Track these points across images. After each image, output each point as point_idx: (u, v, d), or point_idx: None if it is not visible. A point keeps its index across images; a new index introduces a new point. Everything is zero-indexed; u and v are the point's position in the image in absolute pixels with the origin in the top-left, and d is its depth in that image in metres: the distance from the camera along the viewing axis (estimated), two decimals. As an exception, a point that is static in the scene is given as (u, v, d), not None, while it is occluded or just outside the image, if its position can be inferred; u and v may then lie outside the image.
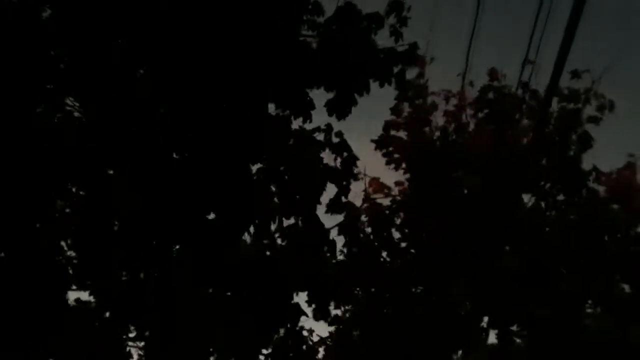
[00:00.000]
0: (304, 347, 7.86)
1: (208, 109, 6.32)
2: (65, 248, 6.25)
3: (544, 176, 9.23)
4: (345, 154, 7.44)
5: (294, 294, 6.92)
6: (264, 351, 7.04)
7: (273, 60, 6.20)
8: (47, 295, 5.72)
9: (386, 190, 9.21)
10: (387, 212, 9.03)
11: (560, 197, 9.29)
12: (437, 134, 9.40)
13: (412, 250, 9.06)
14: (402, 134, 9.57)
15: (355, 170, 7.57)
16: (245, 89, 6.36)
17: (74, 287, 6.11)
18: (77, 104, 6.29)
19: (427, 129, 9.53)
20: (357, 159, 7.52)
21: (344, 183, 7.47)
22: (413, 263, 8.97)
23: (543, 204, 9.27)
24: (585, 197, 9.36)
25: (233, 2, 5.89)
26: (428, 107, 9.61)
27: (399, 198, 9.23)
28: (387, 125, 9.59)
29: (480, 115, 9.58)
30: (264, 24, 6.08)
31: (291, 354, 7.18)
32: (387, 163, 9.35)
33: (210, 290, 6.64)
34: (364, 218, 8.86)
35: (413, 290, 8.88)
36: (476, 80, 9.72)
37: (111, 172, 6.26)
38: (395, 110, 9.54)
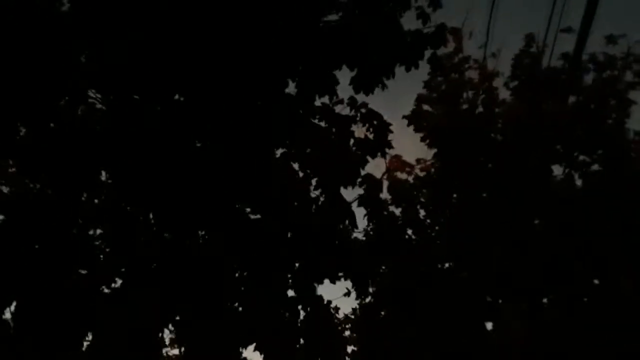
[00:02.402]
0: (333, 320, 7.93)
1: (227, 95, 6.32)
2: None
3: (577, 146, 8.95)
4: (375, 122, 7.28)
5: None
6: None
7: (295, 42, 6.12)
8: (80, 283, 5.93)
9: (408, 169, 9.10)
10: (411, 189, 8.94)
11: (595, 167, 9.00)
12: (465, 106, 9.20)
13: (437, 227, 8.98)
14: (432, 109, 9.39)
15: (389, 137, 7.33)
16: (265, 72, 6.32)
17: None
18: (100, 96, 6.38)
19: (461, 102, 9.32)
20: (389, 124, 7.32)
21: (380, 153, 7.30)
22: (440, 239, 8.91)
23: (577, 175, 9.01)
24: (625, 164, 9.05)
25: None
26: (464, 82, 9.39)
27: (421, 176, 9.13)
28: (420, 100, 9.41)
29: (513, 84, 9.30)
30: (288, 5, 5.98)
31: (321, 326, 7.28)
32: (423, 139, 9.20)
33: (237, 274, 6.75)
34: (386, 195, 8.79)
35: (439, 266, 8.84)
36: (504, 50, 9.51)
37: (136, 161, 6.35)
38: (429, 85, 9.33)
